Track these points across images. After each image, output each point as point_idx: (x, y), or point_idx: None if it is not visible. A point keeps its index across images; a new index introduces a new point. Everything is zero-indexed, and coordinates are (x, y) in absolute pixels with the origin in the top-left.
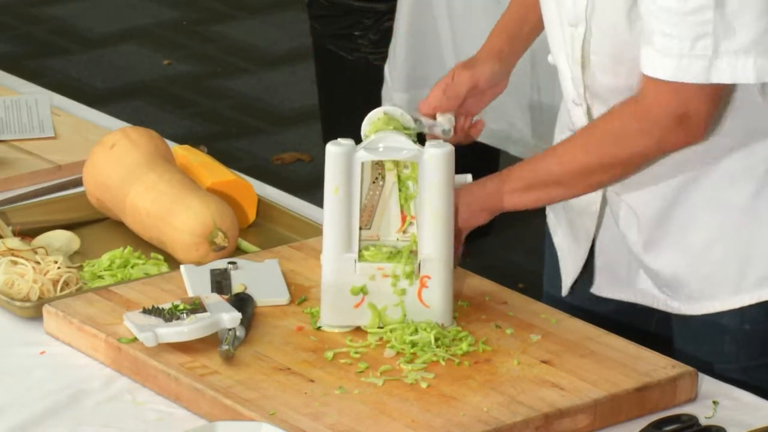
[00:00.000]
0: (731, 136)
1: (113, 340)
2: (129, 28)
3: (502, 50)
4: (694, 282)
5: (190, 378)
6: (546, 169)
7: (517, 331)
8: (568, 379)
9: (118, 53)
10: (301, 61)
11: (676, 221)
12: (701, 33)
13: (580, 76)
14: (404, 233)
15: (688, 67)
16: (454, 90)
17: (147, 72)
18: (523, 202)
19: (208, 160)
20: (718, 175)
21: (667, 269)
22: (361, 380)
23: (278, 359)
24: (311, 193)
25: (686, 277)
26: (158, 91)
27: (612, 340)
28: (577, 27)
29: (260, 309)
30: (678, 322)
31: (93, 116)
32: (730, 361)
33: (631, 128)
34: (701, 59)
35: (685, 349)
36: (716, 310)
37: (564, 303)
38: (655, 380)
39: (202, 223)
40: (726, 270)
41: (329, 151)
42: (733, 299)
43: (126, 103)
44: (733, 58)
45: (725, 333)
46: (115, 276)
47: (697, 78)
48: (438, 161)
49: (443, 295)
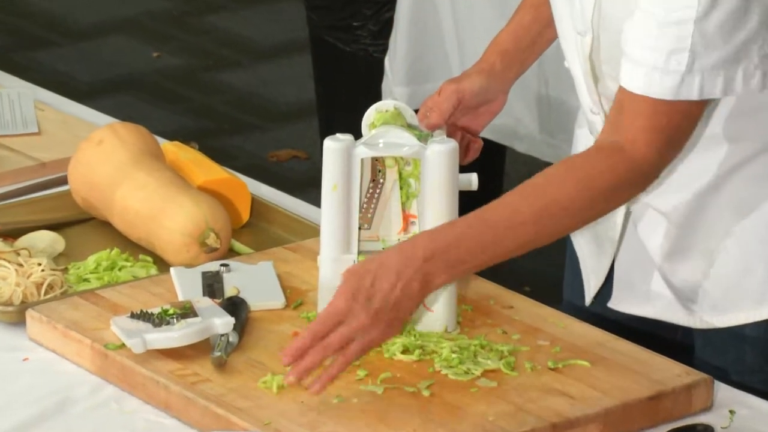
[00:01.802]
0: (754, 139)
1: (100, 347)
2: (117, 19)
3: (493, 65)
4: (718, 291)
5: (180, 386)
6: (518, 235)
7: (523, 336)
8: (577, 387)
9: (106, 45)
10: (298, 54)
11: (701, 227)
12: (678, 47)
13: (594, 85)
14: (406, 233)
15: (660, 82)
16: (439, 106)
17: (136, 65)
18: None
19: (200, 157)
20: (742, 181)
21: (690, 278)
22: (360, 388)
23: (273, 366)
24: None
25: (710, 287)
26: (148, 85)
27: (623, 345)
28: (585, 36)
29: (254, 313)
30: (700, 333)
31: (79, 111)
32: (753, 372)
33: (621, 183)
34: (673, 74)
35: (707, 360)
36: (740, 323)
37: (585, 311)
38: (668, 388)
39: (194, 223)
40: (750, 279)
41: (327, 147)
42: (757, 311)
43: (114, 98)
44: (704, 75)
45: (747, 343)
46: (102, 279)
47: (664, 94)
48: (441, 158)
49: (446, 298)
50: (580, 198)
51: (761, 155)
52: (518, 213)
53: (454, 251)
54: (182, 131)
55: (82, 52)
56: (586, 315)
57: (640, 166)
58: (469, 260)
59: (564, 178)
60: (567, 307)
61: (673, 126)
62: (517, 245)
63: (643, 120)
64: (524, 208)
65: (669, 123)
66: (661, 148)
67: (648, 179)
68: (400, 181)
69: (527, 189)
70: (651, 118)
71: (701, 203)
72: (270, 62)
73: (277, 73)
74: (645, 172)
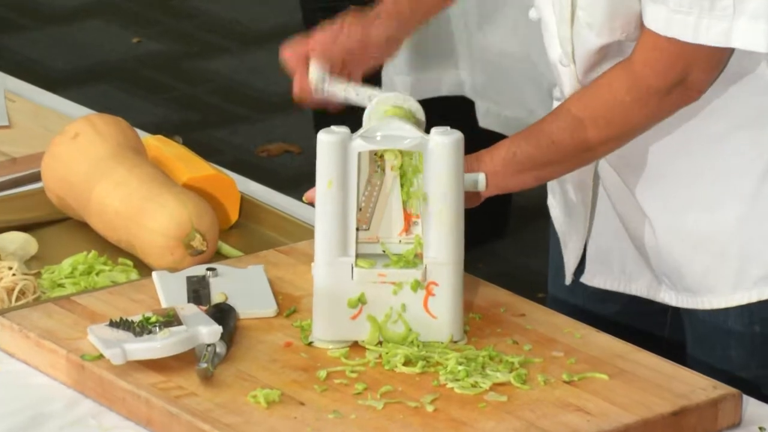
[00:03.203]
0: (735, 115)
1: (76, 357)
2: (94, 1)
3: (402, 12)
4: (692, 272)
5: (163, 400)
6: (539, 150)
7: (536, 347)
8: (594, 402)
9: (82, 30)
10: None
11: (676, 201)
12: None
13: (569, 34)
14: (408, 234)
15: (708, 29)
16: (340, 42)
17: (115, 52)
18: (519, 183)
19: (185, 152)
20: (723, 159)
21: (666, 255)
22: (358, 403)
23: (264, 379)
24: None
25: (685, 266)
26: (127, 73)
27: (644, 357)
28: None
29: (243, 322)
30: (689, 326)
31: (53, 102)
32: (741, 368)
33: (625, 100)
34: (722, 20)
35: (697, 356)
36: (714, 307)
37: (567, 305)
38: (693, 403)
39: (178, 223)
40: (727, 262)
41: (321, 140)
42: (733, 296)
43: (91, 87)
44: (751, 22)
45: (731, 336)
46: (78, 284)
47: (715, 41)
48: (445, 150)
49: (453, 305)
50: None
51: (743, 131)
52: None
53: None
54: (165, 124)
55: (55, 38)
56: (569, 308)
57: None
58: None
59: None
60: (551, 302)
61: (702, 77)
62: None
63: (674, 70)
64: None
65: (699, 73)
66: (689, 96)
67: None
68: (400, 177)
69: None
70: (684, 69)
71: (677, 179)
72: (260, 48)
73: (268, 59)
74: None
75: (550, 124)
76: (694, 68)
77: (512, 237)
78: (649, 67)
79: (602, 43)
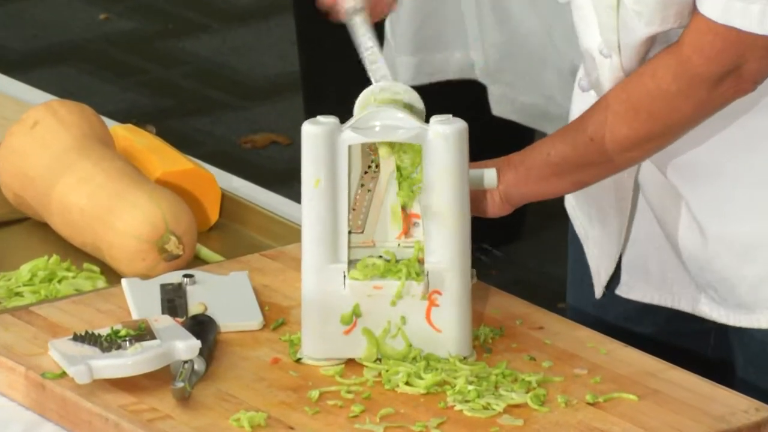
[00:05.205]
0: None
1: (36, 376)
2: None
3: None
4: (745, 285)
5: (134, 424)
6: (575, 149)
7: (556, 364)
8: (622, 425)
9: (42, 6)
10: (278, 16)
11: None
12: None
13: (614, 23)
14: (407, 237)
15: (764, 14)
16: None
17: (79, 30)
18: (554, 190)
19: (158, 143)
20: None
21: (715, 265)
22: (355, 427)
23: (248, 400)
24: (290, 185)
25: (736, 278)
26: (93, 54)
27: (679, 375)
28: None
29: (225, 335)
30: (738, 346)
31: (9, 87)
32: None
33: (671, 89)
34: None
35: (749, 379)
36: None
37: (590, 317)
38: (733, 427)
39: (151, 224)
40: None
41: (306, 132)
42: None
43: (52, 70)
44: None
45: None
46: (38, 293)
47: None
48: (447, 141)
49: (459, 316)
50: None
51: None
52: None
53: None
54: (136, 111)
55: (13, 15)
56: (593, 321)
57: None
58: None
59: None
60: (572, 314)
61: (755, 66)
62: None
63: (726, 57)
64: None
65: (753, 62)
66: (741, 87)
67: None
68: (398, 173)
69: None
70: (737, 56)
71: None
72: (244, 26)
73: (253, 39)
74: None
75: (588, 119)
76: (749, 57)
77: (529, 240)
78: (699, 52)
79: (652, 32)
